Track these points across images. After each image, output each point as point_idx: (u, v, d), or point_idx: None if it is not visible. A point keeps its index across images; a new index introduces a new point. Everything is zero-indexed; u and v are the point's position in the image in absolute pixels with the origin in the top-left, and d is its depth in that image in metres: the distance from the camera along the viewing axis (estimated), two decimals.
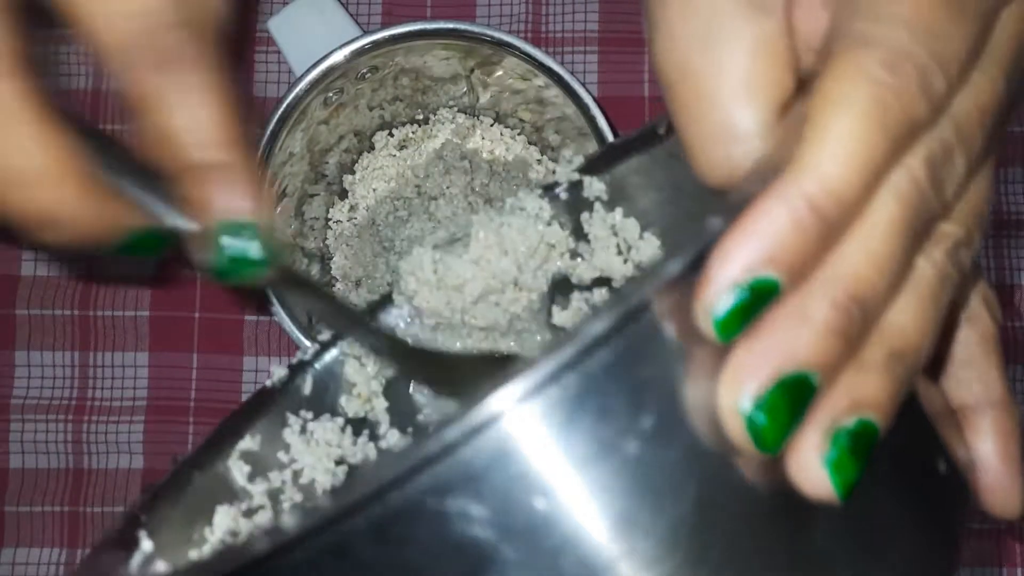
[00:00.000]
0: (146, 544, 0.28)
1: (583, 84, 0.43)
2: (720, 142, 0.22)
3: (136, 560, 0.27)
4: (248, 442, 0.32)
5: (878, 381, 0.20)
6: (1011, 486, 0.25)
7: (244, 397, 0.49)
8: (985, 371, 0.26)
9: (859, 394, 0.20)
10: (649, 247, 0.34)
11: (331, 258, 0.49)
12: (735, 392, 0.19)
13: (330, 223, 0.49)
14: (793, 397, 0.19)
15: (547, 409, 0.19)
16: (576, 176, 0.34)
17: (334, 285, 0.48)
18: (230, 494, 0.32)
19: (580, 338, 0.19)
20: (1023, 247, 0.49)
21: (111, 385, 0.49)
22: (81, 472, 0.48)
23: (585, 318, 0.19)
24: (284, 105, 0.43)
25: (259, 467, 0.32)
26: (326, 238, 0.49)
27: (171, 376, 0.49)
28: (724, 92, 0.22)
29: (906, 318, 0.21)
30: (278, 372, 0.34)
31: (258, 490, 0.32)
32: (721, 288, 0.19)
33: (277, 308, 0.42)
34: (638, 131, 0.34)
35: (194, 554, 0.29)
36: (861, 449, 0.20)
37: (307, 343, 0.41)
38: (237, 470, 0.32)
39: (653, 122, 0.33)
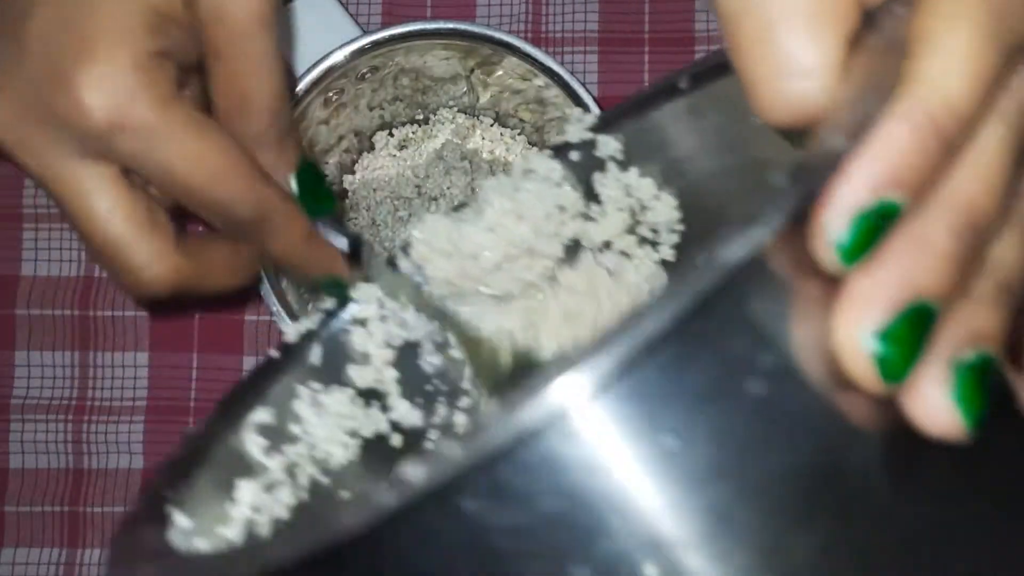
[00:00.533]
0: (182, 521, 0.27)
1: (583, 84, 0.43)
2: (785, 76, 0.21)
3: (176, 538, 0.26)
4: (262, 414, 0.32)
5: (990, 314, 0.20)
6: None
7: None
8: None
9: (976, 326, 0.19)
10: (665, 207, 0.33)
11: None
12: (857, 324, 0.18)
13: None
14: (916, 327, 0.18)
15: (664, 346, 0.18)
16: (589, 135, 0.33)
17: None
18: (248, 469, 0.31)
19: (715, 270, 0.17)
20: None
21: (111, 385, 0.49)
22: (81, 472, 0.48)
23: (709, 248, 0.18)
24: None
25: (274, 440, 0.31)
26: None
27: (171, 376, 0.49)
28: (792, 23, 0.21)
29: (1008, 251, 0.20)
30: (285, 339, 0.33)
31: (275, 464, 0.31)
32: (846, 212, 0.18)
33: (277, 308, 0.42)
34: (656, 86, 0.33)
35: (224, 531, 0.28)
36: (984, 382, 0.19)
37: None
38: (253, 443, 0.31)
39: (673, 76, 0.32)
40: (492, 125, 0.49)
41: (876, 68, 0.20)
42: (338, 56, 0.43)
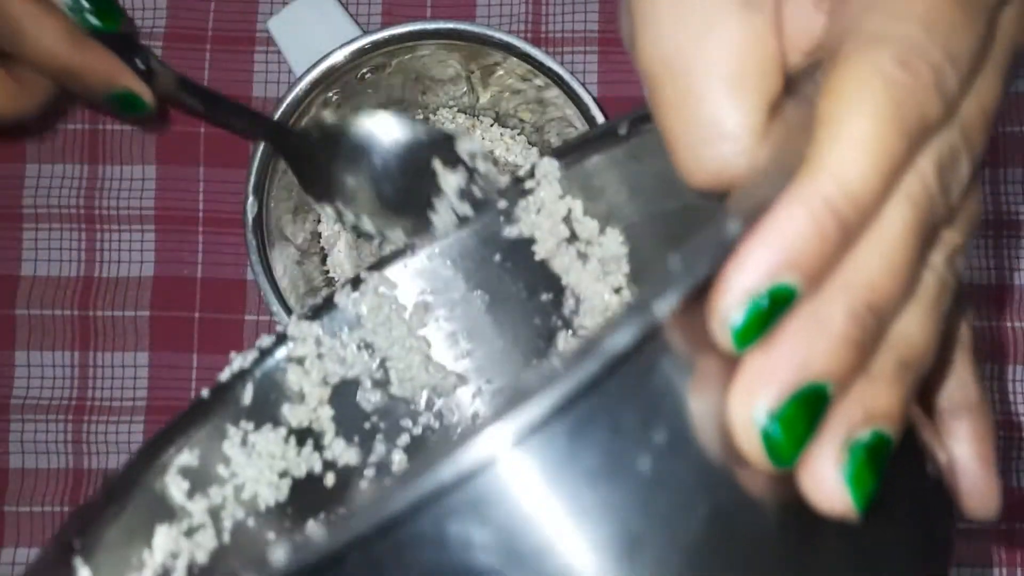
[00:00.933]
0: (83, 572, 0.26)
1: (583, 84, 0.43)
2: (707, 140, 0.21)
3: None
4: (187, 456, 0.31)
5: (889, 392, 0.20)
6: (988, 489, 0.25)
7: None
8: (962, 376, 0.26)
9: (872, 405, 0.19)
10: (612, 242, 0.33)
11: (329, 257, 0.49)
12: (749, 404, 0.18)
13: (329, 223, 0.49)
14: (808, 409, 0.19)
15: (557, 425, 0.18)
16: (534, 160, 0.34)
17: (334, 284, 0.48)
18: (168, 513, 0.30)
19: (600, 356, 0.17)
20: (1023, 247, 0.49)
21: (111, 385, 0.49)
22: (81, 472, 0.48)
23: (598, 332, 0.18)
24: (284, 105, 0.43)
25: (198, 483, 0.31)
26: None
27: (171, 376, 0.49)
28: (713, 88, 0.21)
29: (912, 327, 0.20)
30: (218, 379, 0.32)
31: (198, 508, 0.30)
32: (739, 296, 0.18)
33: (277, 308, 0.42)
34: (596, 131, 0.33)
35: None
36: (877, 461, 0.19)
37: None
38: (175, 487, 0.30)
39: (613, 122, 0.32)
40: (492, 125, 0.49)
41: (786, 144, 0.20)
42: (338, 56, 0.43)
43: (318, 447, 0.33)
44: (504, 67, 0.45)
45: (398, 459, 0.34)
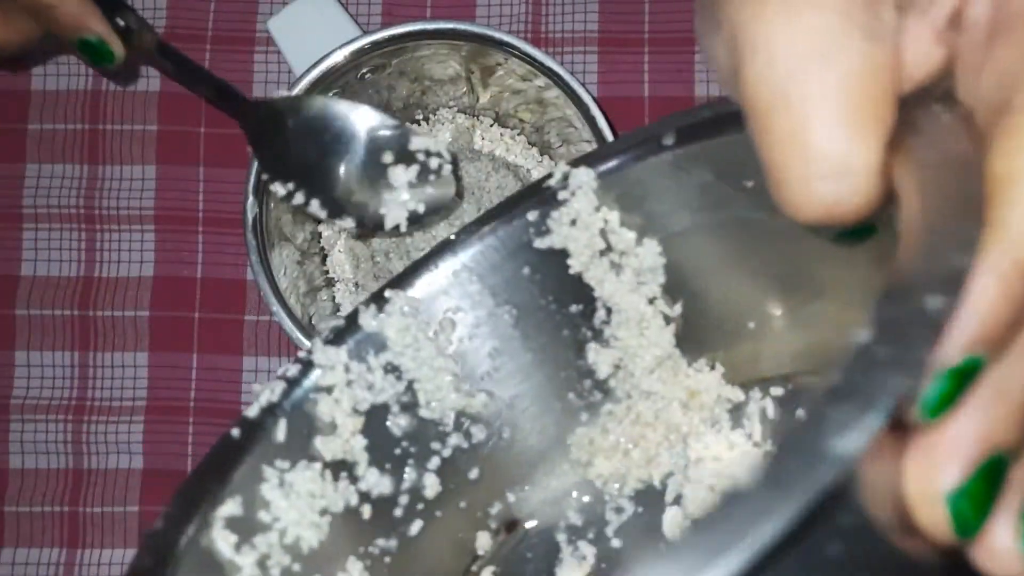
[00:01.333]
0: None
1: (583, 84, 0.43)
2: (820, 176, 0.20)
3: None
4: (230, 506, 0.29)
5: None
6: None
7: (244, 397, 0.49)
8: None
9: None
10: (650, 253, 0.33)
11: (329, 257, 0.49)
12: (933, 478, 0.18)
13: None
14: (991, 479, 0.18)
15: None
16: (567, 169, 0.33)
17: (334, 285, 0.48)
18: (218, 569, 0.29)
19: (834, 464, 0.17)
20: None
21: (111, 385, 0.49)
22: (81, 472, 0.48)
23: (808, 431, 0.17)
24: None
25: (244, 534, 0.29)
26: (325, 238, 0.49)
27: (171, 376, 0.49)
28: (830, 121, 0.20)
29: None
30: (246, 415, 0.31)
31: (248, 561, 0.29)
32: (935, 372, 0.18)
33: (277, 308, 0.42)
34: (638, 138, 0.32)
35: None
36: None
37: (306, 343, 0.40)
38: (223, 541, 0.29)
39: (654, 130, 0.32)
40: (492, 125, 0.49)
41: (937, 191, 0.20)
42: (338, 56, 0.43)
43: (352, 479, 0.32)
44: (504, 67, 0.45)
45: (430, 483, 0.33)
